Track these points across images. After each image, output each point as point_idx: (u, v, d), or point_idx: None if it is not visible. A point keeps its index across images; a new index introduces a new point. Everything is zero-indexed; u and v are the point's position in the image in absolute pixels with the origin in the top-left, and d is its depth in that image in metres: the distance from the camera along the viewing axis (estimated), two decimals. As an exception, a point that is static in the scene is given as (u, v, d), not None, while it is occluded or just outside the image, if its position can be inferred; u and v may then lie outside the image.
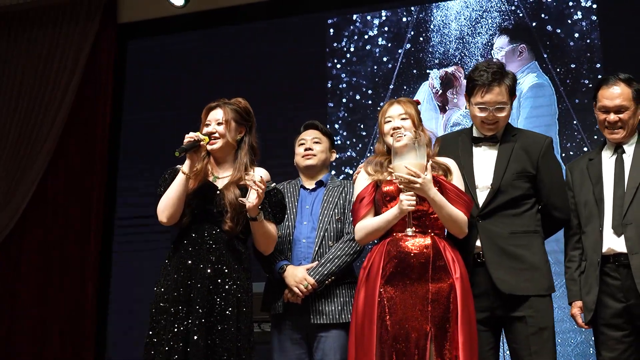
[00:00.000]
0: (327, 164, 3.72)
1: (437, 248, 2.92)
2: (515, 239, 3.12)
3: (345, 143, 6.02)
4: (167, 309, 2.98)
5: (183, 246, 3.08)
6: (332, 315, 3.37)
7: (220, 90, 6.34)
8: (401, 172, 2.85)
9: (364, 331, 2.88)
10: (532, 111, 5.57)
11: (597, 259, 3.14)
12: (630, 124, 3.22)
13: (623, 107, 3.20)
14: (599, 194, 3.21)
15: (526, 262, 3.10)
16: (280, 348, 3.46)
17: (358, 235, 3.09)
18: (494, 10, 5.88)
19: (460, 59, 5.88)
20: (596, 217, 3.19)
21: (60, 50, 6.63)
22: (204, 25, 6.67)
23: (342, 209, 3.52)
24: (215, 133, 3.15)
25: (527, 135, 3.36)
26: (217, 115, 3.21)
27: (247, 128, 3.28)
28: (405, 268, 2.88)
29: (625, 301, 3.09)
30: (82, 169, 6.45)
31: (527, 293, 3.06)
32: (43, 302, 6.24)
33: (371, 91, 6.08)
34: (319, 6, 6.39)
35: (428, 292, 2.84)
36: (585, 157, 3.43)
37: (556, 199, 3.24)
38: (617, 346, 3.12)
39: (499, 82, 3.16)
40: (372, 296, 2.89)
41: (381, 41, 6.14)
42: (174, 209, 3.04)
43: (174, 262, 3.08)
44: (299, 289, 3.32)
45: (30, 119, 6.51)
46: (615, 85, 3.24)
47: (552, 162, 3.30)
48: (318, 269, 3.37)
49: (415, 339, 2.77)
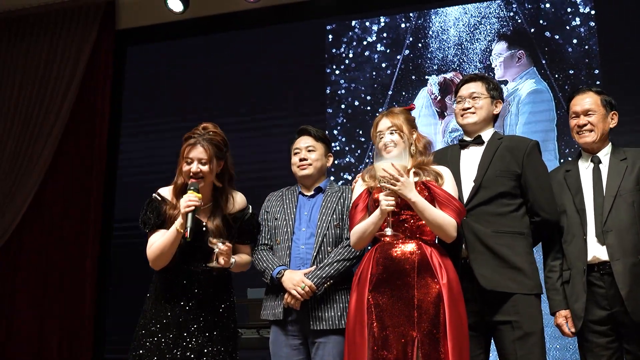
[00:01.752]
0: (324, 170, 3.67)
1: (423, 254, 2.89)
2: (498, 238, 3.11)
3: (344, 149, 5.98)
4: (160, 333, 3.07)
5: (169, 283, 3.14)
6: (332, 321, 3.33)
7: (218, 96, 6.42)
8: (380, 171, 2.86)
9: (355, 337, 2.86)
10: (530, 117, 5.53)
11: (583, 267, 3.18)
12: (600, 127, 3.33)
13: (591, 110, 3.34)
14: (579, 203, 3.27)
15: (509, 261, 3.09)
16: (279, 354, 3.42)
17: (352, 240, 3.09)
18: (492, 17, 5.84)
19: (459, 65, 5.84)
20: (578, 225, 3.24)
21: (60, 54, 6.64)
22: (203, 31, 6.68)
23: (340, 214, 3.49)
24: (200, 173, 3.14)
25: (512, 138, 3.47)
26: (199, 154, 3.15)
27: (225, 159, 3.27)
28: (391, 274, 2.86)
29: (609, 309, 3.14)
30: (81, 173, 6.48)
31: (510, 291, 3.05)
32: (41, 303, 6.24)
33: (370, 97, 6.05)
34: (318, 12, 6.38)
35: (414, 298, 2.81)
36: (561, 169, 3.49)
37: (542, 199, 3.22)
38: (602, 352, 3.17)
39: (474, 80, 3.44)
40: (362, 302, 2.88)
41: (380, 47, 6.12)
42: (167, 260, 3.10)
43: (161, 299, 3.13)
44: (296, 291, 3.28)
45: (29, 124, 6.52)
46: (585, 93, 3.42)
47: (537, 162, 3.30)
48: (316, 272, 3.34)
49: (401, 346, 2.75)
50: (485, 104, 3.37)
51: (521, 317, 3.03)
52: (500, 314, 3.06)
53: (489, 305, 3.08)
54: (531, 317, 3.06)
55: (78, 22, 6.69)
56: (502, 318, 3.06)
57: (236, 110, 6.32)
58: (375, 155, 2.97)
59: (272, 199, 3.67)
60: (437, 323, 2.78)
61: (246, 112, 6.32)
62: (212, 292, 3.14)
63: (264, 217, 3.59)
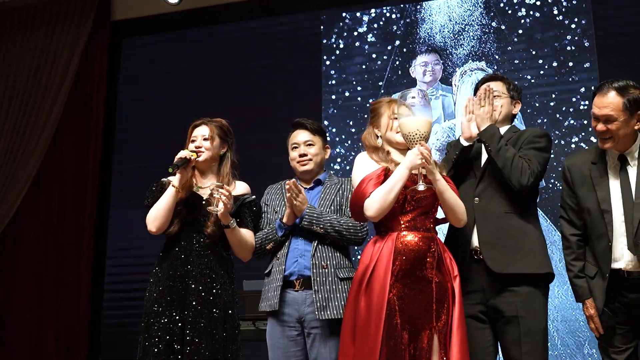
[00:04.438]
0: (323, 163, 3.60)
1: (440, 247, 2.88)
2: (509, 218, 3.08)
3: (334, 139, 5.97)
4: (161, 313, 3.14)
5: (173, 253, 3.23)
6: (337, 311, 3.25)
7: (213, 87, 6.39)
8: (410, 130, 2.78)
9: (369, 329, 2.76)
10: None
11: (607, 272, 3.00)
12: (621, 134, 2.98)
13: (611, 118, 2.96)
14: (604, 203, 3.03)
15: (520, 242, 3.05)
16: (276, 345, 3.38)
17: (372, 208, 2.86)
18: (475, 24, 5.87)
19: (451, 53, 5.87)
20: (603, 227, 3.02)
21: (55, 46, 6.56)
22: (198, 22, 6.63)
23: (338, 205, 3.43)
24: (202, 147, 3.34)
25: (527, 130, 3.33)
26: (203, 131, 3.38)
27: (229, 145, 3.45)
28: (414, 267, 2.81)
29: (628, 311, 3.01)
30: (76, 166, 6.41)
31: (521, 271, 3.01)
32: (37, 300, 6.20)
33: (360, 87, 6.04)
34: (312, 4, 6.34)
35: (432, 290, 2.80)
36: (585, 157, 3.19)
37: (530, 154, 3.11)
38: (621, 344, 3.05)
39: (495, 79, 3.38)
40: (381, 294, 2.77)
41: (371, 38, 6.11)
42: (164, 219, 3.22)
43: (165, 269, 3.22)
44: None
45: (24, 116, 6.44)
46: (606, 95, 2.99)
47: (535, 143, 3.17)
48: (316, 212, 3.32)
49: (422, 338, 2.75)
50: (505, 103, 3.30)
51: (527, 312, 3.00)
52: (506, 306, 3.02)
53: (497, 297, 3.03)
54: (537, 314, 3.03)
55: (73, 14, 6.59)
56: (507, 313, 3.02)
57: (230, 102, 6.28)
58: (399, 113, 2.85)
59: (272, 191, 3.61)
60: (449, 316, 2.80)
61: (240, 103, 6.27)
62: (208, 266, 3.20)
63: (264, 210, 3.54)
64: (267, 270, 3.47)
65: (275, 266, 3.41)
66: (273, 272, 3.41)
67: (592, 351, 4.95)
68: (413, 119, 2.80)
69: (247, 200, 3.39)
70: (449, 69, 5.84)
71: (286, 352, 3.36)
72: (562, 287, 5.00)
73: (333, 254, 3.38)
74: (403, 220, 2.88)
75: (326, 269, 3.33)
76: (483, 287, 3.06)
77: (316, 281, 3.30)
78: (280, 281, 3.35)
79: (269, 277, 3.44)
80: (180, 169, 3.22)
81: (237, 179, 3.43)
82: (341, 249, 3.42)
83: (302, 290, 3.34)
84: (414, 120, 2.80)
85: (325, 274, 3.33)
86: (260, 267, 3.59)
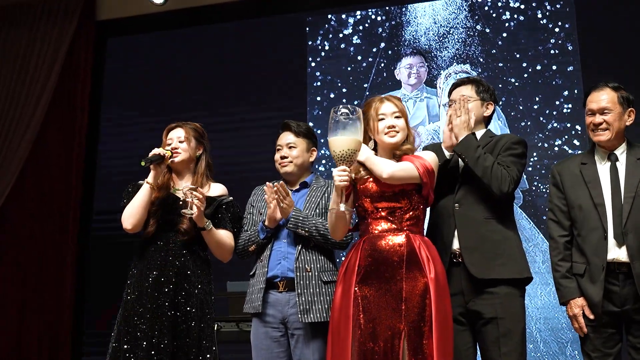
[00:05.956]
0: (307, 165, 3.56)
1: (412, 246, 2.80)
2: (489, 224, 3.07)
3: (320, 141, 5.92)
4: (142, 313, 3.10)
5: (150, 254, 3.21)
6: (320, 314, 3.24)
7: (199, 88, 6.34)
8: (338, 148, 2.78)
9: (340, 329, 2.78)
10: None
11: (602, 263, 3.06)
12: (616, 126, 3.19)
13: (607, 109, 3.19)
14: (598, 198, 3.15)
15: (500, 248, 3.04)
16: (260, 347, 3.35)
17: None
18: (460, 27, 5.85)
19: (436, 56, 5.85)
20: (597, 221, 3.12)
21: (39, 45, 6.45)
22: (184, 23, 6.58)
23: (323, 209, 3.40)
24: (178, 148, 3.33)
25: (503, 136, 3.31)
26: (178, 133, 3.38)
27: (205, 146, 3.45)
28: (379, 266, 2.78)
29: (620, 306, 3.06)
30: (60, 165, 6.33)
31: (502, 276, 3.00)
32: (21, 296, 6.14)
33: (345, 89, 6.01)
34: (297, 5, 6.30)
35: (402, 290, 2.73)
36: (575, 160, 3.35)
37: (508, 161, 3.10)
38: (608, 344, 3.09)
39: (464, 83, 3.38)
40: (348, 294, 2.79)
41: (356, 40, 6.07)
42: (139, 216, 3.19)
43: (141, 269, 3.20)
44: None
45: (7, 116, 6.33)
46: (602, 90, 3.25)
47: (512, 151, 3.16)
48: (302, 215, 3.32)
49: (389, 338, 2.68)
50: (474, 107, 3.26)
51: (506, 314, 2.99)
52: (485, 309, 3.01)
53: (476, 299, 3.02)
54: (515, 315, 3.02)
55: (58, 13, 6.48)
56: (486, 315, 3.00)
57: (215, 102, 6.23)
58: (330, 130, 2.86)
59: (258, 192, 3.57)
60: (424, 316, 2.72)
61: (226, 104, 6.23)
62: (185, 266, 3.18)
63: (250, 211, 3.51)
64: (252, 272, 3.45)
65: (258, 268, 3.40)
66: (257, 274, 3.40)
67: (574, 352, 4.94)
68: (340, 138, 2.79)
69: (225, 202, 3.36)
70: (434, 72, 5.82)
71: (270, 353, 3.34)
72: (544, 288, 5.00)
73: (317, 257, 3.36)
74: (373, 221, 2.88)
75: (310, 272, 3.30)
76: (462, 290, 3.05)
77: (300, 284, 3.29)
78: (263, 283, 3.34)
79: (253, 279, 3.42)
80: (153, 164, 3.21)
81: (212, 181, 3.42)
82: (326, 253, 3.39)
83: (285, 291, 3.32)
84: (340, 139, 2.79)
85: (309, 277, 3.30)
86: (247, 268, 3.55)
